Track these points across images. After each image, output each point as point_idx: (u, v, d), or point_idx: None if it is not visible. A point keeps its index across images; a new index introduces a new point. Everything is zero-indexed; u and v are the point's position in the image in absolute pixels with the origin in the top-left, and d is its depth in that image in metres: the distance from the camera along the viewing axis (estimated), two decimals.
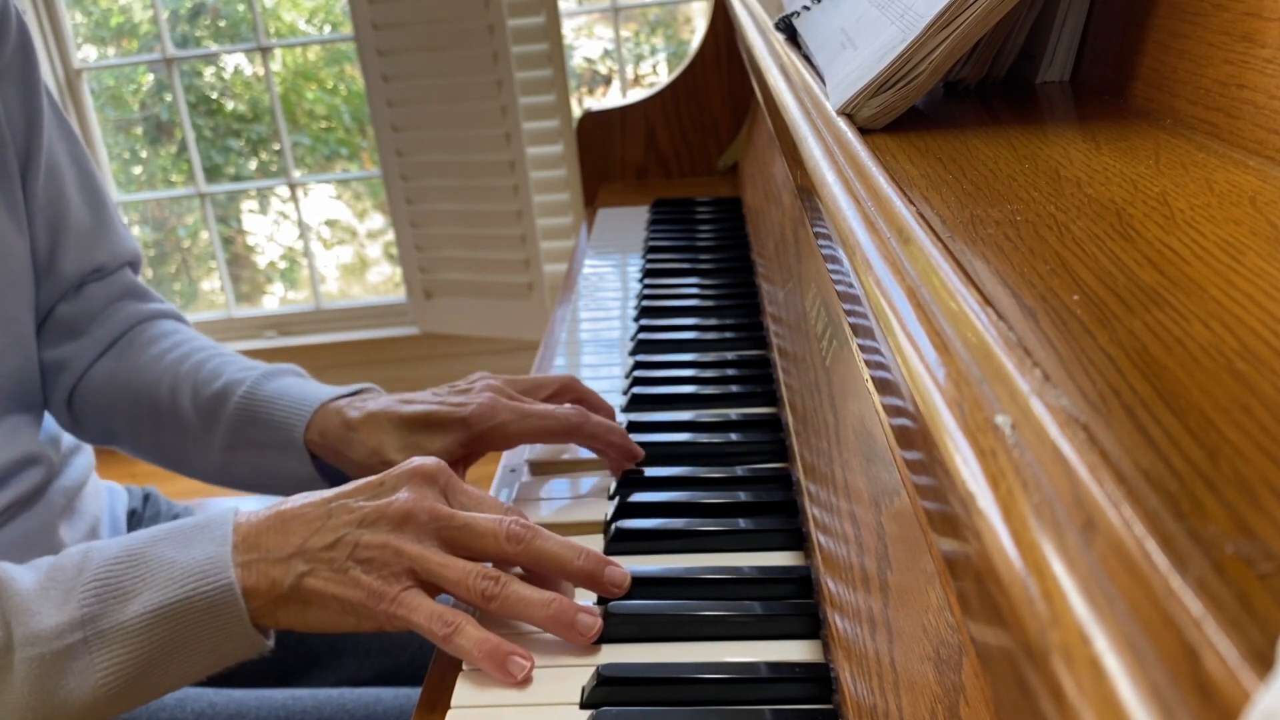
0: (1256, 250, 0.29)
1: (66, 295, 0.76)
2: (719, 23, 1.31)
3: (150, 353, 0.75)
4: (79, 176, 0.77)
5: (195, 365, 0.73)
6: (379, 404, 0.66)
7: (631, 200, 1.32)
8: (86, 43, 2.46)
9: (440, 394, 0.67)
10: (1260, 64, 0.37)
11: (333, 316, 2.46)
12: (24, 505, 0.69)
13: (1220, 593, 0.16)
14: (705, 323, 0.92)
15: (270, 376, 0.71)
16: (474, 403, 0.65)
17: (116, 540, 0.54)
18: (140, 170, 2.61)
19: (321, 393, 0.69)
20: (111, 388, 0.75)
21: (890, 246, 0.34)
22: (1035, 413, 0.22)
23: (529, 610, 0.52)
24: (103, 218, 0.78)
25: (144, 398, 0.73)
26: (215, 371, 0.72)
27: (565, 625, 0.52)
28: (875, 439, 0.45)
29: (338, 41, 2.53)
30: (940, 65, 0.46)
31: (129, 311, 0.78)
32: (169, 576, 0.51)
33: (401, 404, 0.66)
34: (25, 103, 0.72)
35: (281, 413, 0.68)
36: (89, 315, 0.76)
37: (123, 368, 0.75)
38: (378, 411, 0.65)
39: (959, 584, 0.24)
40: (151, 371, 0.74)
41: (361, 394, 0.70)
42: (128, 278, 0.80)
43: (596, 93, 2.66)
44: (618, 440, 0.67)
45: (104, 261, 0.77)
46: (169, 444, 0.74)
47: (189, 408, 0.71)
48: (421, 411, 0.65)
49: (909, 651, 0.37)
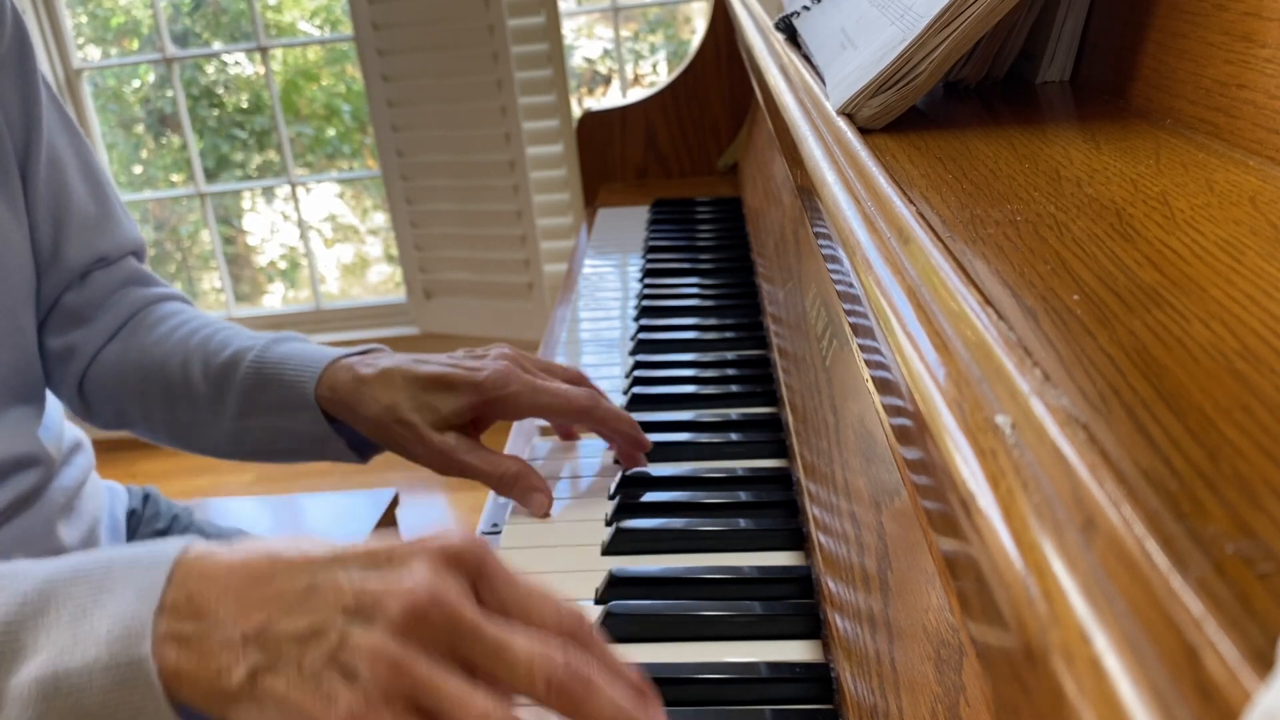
0: (1256, 250, 0.29)
1: (72, 285, 0.76)
2: (719, 23, 1.31)
3: (158, 331, 0.76)
4: (81, 167, 0.77)
5: (204, 339, 0.73)
6: (392, 361, 0.66)
7: (631, 200, 1.32)
8: (88, 43, 2.46)
9: (455, 357, 0.67)
10: (1260, 64, 0.37)
11: (333, 316, 2.46)
12: (22, 505, 0.69)
13: (1220, 593, 0.16)
14: (705, 323, 0.92)
15: (278, 341, 0.71)
16: (489, 368, 0.64)
17: (40, 566, 0.43)
18: (141, 170, 2.61)
19: (330, 351, 0.69)
20: (122, 368, 0.75)
21: (890, 246, 0.34)
22: (1035, 413, 0.22)
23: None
24: (106, 207, 0.78)
25: (155, 375, 0.74)
26: (224, 342, 0.72)
27: None
28: (875, 439, 0.45)
29: (338, 41, 2.53)
30: (940, 65, 0.46)
31: (135, 297, 0.79)
32: (72, 636, 0.39)
33: (416, 363, 0.65)
34: (23, 95, 0.71)
35: (292, 373, 0.68)
36: (95, 303, 0.77)
37: (131, 348, 0.75)
38: (391, 368, 0.65)
39: (959, 584, 0.24)
40: (161, 349, 0.74)
41: (372, 352, 0.69)
42: (132, 265, 0.80)
43: (596, 93, 2.66)
44: (626, 429, 0.67)
45: (108, 250, 0.78)
46: (182, 419, 0.74)
47: (200, 379, 0.71)
48: (436, 372, 0.64)
49: (909, 651, 0.37)
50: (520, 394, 0.64)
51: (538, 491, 0.65)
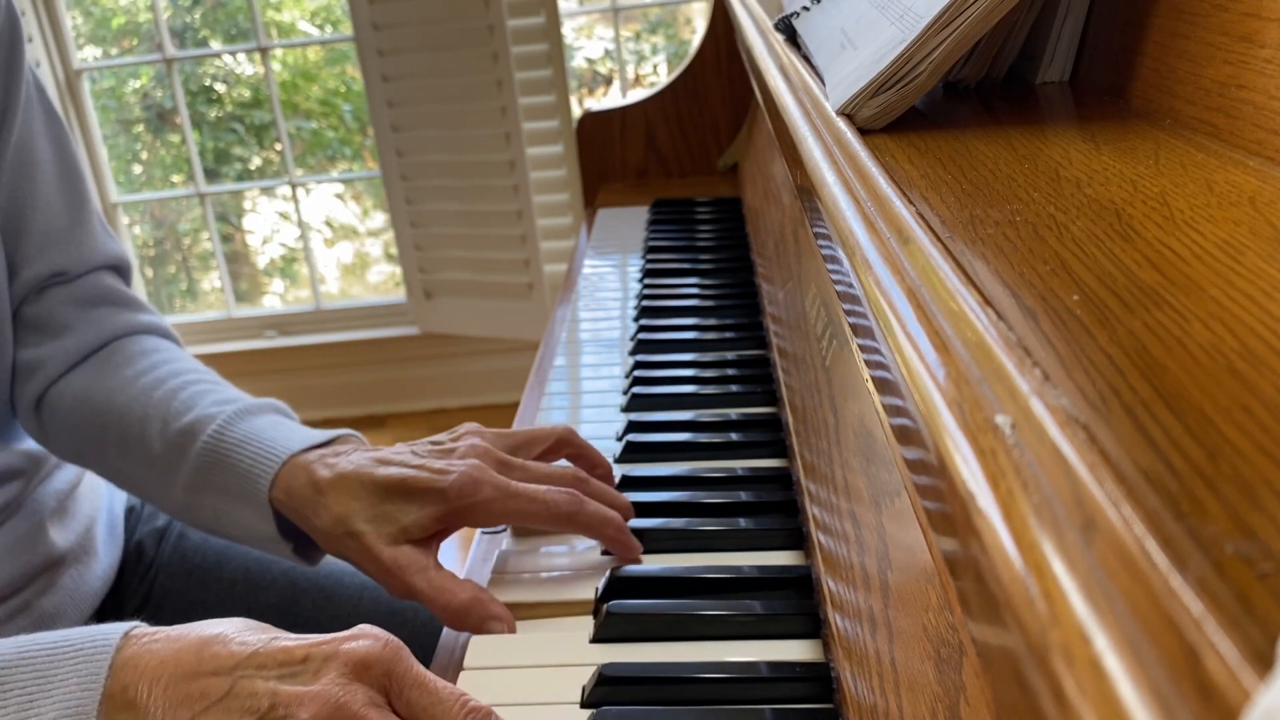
0: (1256, 250, 0.29)
1: (29, 298, 0.72)
2: (719, 23, 1.31)
3: (124, 374, 0.70)
4: (61, 174, 0.73)
5: (168, 393, 0.68)
6: (352, 463, 0.60)
7: (631, 200, 1.32)
8: (88, 43, 2.46)
9: (421, 454, 0.60)
10: (1260, 64, 0.37)
11: (333, 316, 2.46)
12: (4, 517, 0.68)
13: (1220, 593, 0.16)
14: (705, 323, 0.92)
15: (244, 415, 0.65)
16: (456, 470, 0.58)
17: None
18: (140, 170, 2.61)
19: (293, 441, 0.63)
20: (82, 409, 0.70)
21: (890, 246, 0.34)
22: (1035, 413, 0.22)
23: None
24: (79, 218, 0.74)
25: (112, 423, 0.69)
26: (188, 403, 0.66)
27: None
28: (875, 439, 0.45)
29: (338, 41, 2.53)
30: (940, 65, 0.46)
31: (112, 323, 0.74)
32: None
33: (377, 465, 0.59)
34: (3, 95, 0.69)
35: (249, 460, 0.62)
36: (58, 320, 0.72)
37: (94, 387, 0.70)
38: (349, 473, 0.59)
39: (959, 584, 0.24)
40: (124, 395, 0.69)
41: (337, 444, 0.63)
42: (104, 283, 0.75)
43: (596, 93, 2.66)
44: (612, 534, 0.60)
45: (67, 265, 0.73)
46: (135, 475, 0.69)
47: (156, 439, 0.66)
48: (397, 476, 0.58)
49: (909, 651, 0.37)
50: (492, 501, 0.58)
51: (494, 620, 0.57)
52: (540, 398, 0.84)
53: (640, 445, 0.72)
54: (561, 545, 0.63)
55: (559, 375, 0.88)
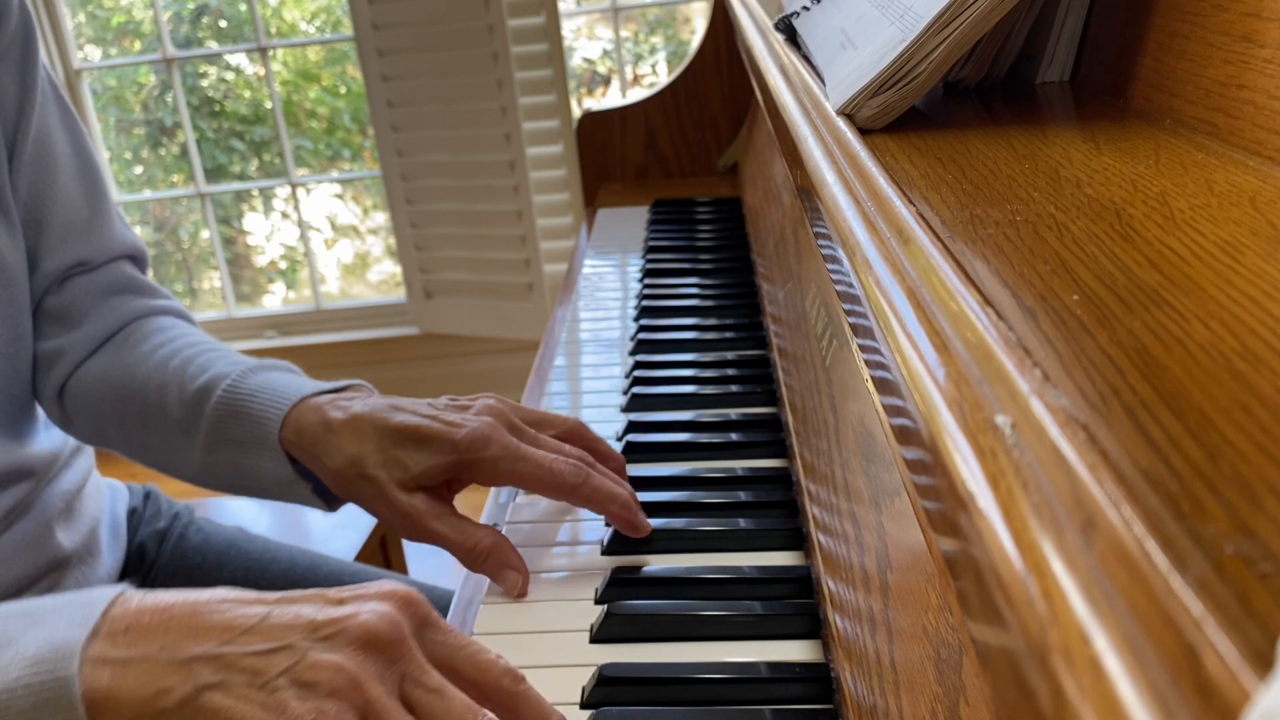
0: (1256, 250, 0.29)
1: (51, 288, 0.73)
2: (719, 23, 1.31)
3: (142, 349, 0.72)
4: (79, 167, 0.75)
5: (184, 361, 0.68)
6: (366, 406, 0.59)
7: (631, 200, 1.32)
8: (88, 43, 2.46)
9: (436, 407, 0.60)
10: (1260, 64, 0.37)
11: (333, 316, 2.46)
12: (14, 516, 0.69)
13: (1220, 593, 0.16)
14: (705, 323, 0.92)
15: (256, 370, 0.66)
16: (469, 425, 0.58)
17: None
18: (141, 170, 2.61)
19: (304, 387, 0.63)
20: (103, 387, 0.71)
21: (890, 246, 0.34)
22: (1035, 413, 0.22)
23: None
24: (98, 209, 0.75)
25: (133, 397, 0.69)
26: (202, 367, 0.67)
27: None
28: (875, 439, 0.45)
29: (338, 41, 2.53)
30: (940, 65, 0.46)
31: (129, 307, 0.76)
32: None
33: (392, 410, 0.59)
34: (20, 90, 0.69)
35: (259, 408, 0.62)
36: (78, 308, 0.74)
37: (114, 365, 0.72)
38: (363, 414, 0.59)
39: (959, 584, 0.24)
40: (142, 369, 0.70)
41: (349, 390, 0.63)
42: (124, 272, 0.77)
43: (596, 93, 2.66)
44: (618, 510, 0.60)
45: (89, 255, 0.74)
46: (157, 445, 0.69)
47: (175, 405, 0.67)
48: (411, 424, 0.58)
49: (909, 651, 0.37)
50: (499, 460, 0.57)
51: (512, 570, 0.58)
52: (540, 398, 0.84)
53: (640, 445, 0.72)
54: (562, 545, 0.63)
55: (559, 375, 0.88)
